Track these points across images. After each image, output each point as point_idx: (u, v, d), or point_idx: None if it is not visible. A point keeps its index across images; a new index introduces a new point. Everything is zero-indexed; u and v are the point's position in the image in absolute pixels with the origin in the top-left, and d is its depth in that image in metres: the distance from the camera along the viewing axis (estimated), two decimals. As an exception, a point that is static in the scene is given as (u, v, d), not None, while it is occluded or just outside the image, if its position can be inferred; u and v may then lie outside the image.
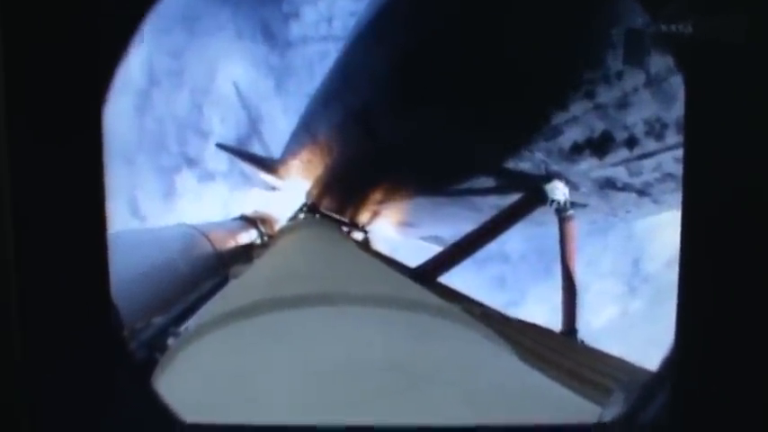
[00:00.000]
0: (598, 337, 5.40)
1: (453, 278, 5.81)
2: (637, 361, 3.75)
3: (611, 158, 4.82)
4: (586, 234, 5.82)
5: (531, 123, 5.01)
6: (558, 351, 3.96)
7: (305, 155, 9.42)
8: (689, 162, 1.09)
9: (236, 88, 12.95)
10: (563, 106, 4.55)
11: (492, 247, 5.91)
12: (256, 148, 12.42)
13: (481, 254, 5.89)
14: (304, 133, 9.18)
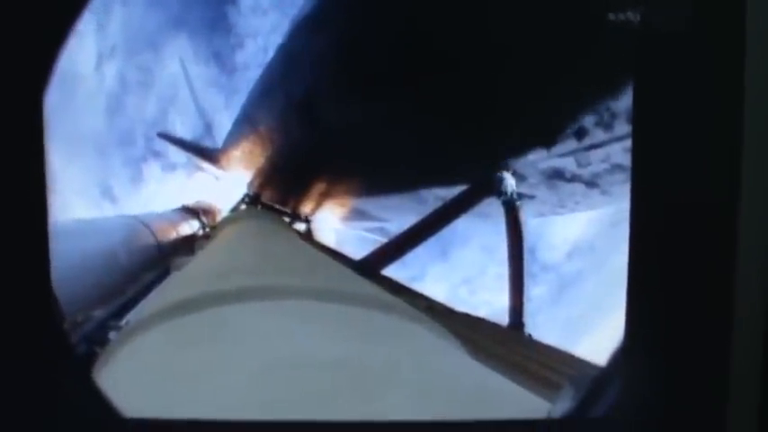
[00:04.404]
0: (503, 317, 5.61)
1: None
2: (564, 346, 4.03)
3: (559, 149, 4.81)
4: (481, 221, 5.99)
5: (480, 112, 4.96)
6: (505, 345, 4.00)
7: (246, 145, 9.28)
8: (638, 152, 1.08)
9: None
10: (514, 95, 4.51)
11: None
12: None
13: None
14: (245, 123, 9.04)
